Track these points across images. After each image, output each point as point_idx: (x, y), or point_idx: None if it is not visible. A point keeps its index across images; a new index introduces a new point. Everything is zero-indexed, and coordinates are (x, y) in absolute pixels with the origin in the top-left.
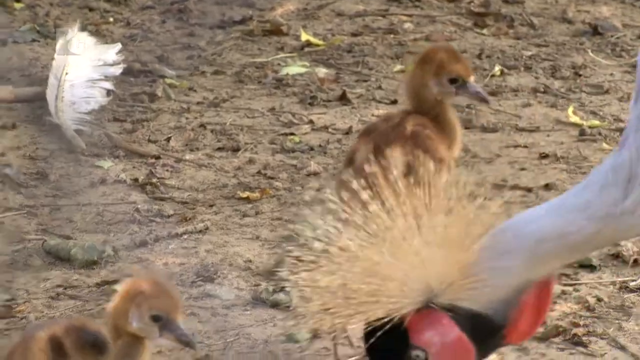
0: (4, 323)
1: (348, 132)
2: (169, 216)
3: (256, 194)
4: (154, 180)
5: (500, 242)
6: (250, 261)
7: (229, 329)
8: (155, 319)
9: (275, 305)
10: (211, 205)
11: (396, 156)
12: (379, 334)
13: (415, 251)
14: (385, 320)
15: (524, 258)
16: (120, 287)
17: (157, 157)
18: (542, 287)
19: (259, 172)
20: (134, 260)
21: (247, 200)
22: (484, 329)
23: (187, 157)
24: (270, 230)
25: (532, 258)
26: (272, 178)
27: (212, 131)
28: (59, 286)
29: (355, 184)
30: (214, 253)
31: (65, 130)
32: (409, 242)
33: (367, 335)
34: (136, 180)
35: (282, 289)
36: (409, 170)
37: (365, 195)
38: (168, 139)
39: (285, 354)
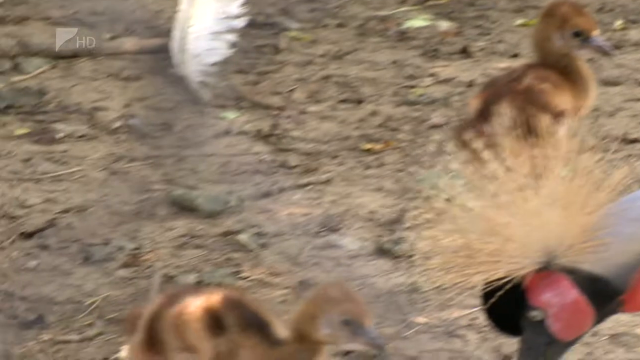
0: (130, 272)
1: (470, 84)
2: (293, 167)
3: (379, 146)
4: (278, 131)
5: (630, 209)
6: (373, 212)
7: (352, 279)
8: (346, 323)
9: (398, 256)
10: (335, 157)
11: (504, 112)
12: (497, 294)
13: (537, 212)
14: (505, 280)
15: None
16: (308, 295)
17: (281, 109)
18: None
19: (382, 124)
20: (259, 211)
21: (370, 151)
22: (603, 294)
23: (311, 109)
24: (393, 182)
25: None
26: (395, 130)
27: (335, 83)
28: (183, 236)
29: (474, 142)
30: (337, 204)
31: (190, 81)
32: (530, 203)
33: (485, 295)
34: (260, 131)
35: (405, 241)
36: (521, 126)
37: (484, 153)
38: (291, 91)
39: (409, 304)
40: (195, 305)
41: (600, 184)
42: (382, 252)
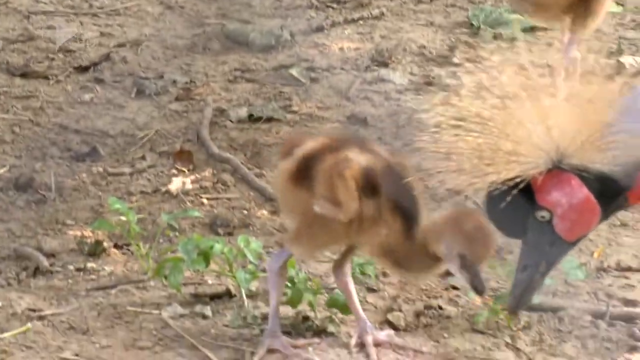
0: (183, 105)
1: None
2: (345, 2)
3: None
4: None
5: (637, 108)
6: (423, 47)
7: (400, 112)
8: (462, 257)
9: (447, 91)
10: None
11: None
12: (505, 195)
13: (548, 111)
14: (516, 181)
15: None
16: (447, 211)
17: None
18: None
19: None
20: (310, 45)
21: None
22: (611, 191)
23: None
24: (444, 17)
25: None
26: None
27: None
28: (236, 69)
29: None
30: (388, 38)
31: None
32: (542, 102)
33: (491, 198)
34: None
35: (454, 74)
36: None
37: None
38: None
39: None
40: (357, 162)
41: (612, 82)
42: (431, 86)
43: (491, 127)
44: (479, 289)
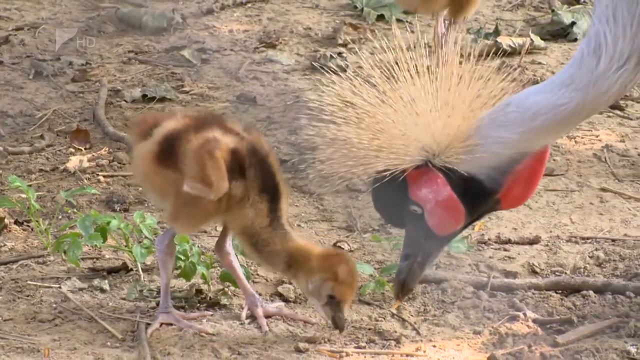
0: (79, 86)
1: None
2: None
3: None
4: None
5: (501, 115)
6: (309, 28)
7: (288, 92)
8: (331, 297)
9: (332, 71)
10: None
11: None
12: (380, 187)
13: (420, 112)
14: (387, 173)
15: (521, 131)
16: (326, 249)
17: None
18: (537, 158)
19: None
20: (201, 28)
21: None
22: (476, 193)
23: None
24: (328, 0)
25: (528, 131)
26: None
27: None
28: (130, 51)
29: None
30: (275, 21)
31: None
32: (415, 104)
33: (375, 188)
34: None
35: (339, 55)
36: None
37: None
38: None
39: None
40: (225, 142)
41: (480, 91)
42: (316, 67)
43: (371, 119)
44: (339, 326)
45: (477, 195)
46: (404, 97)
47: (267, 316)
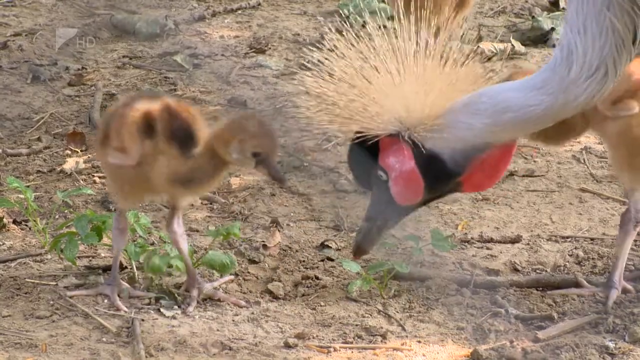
0: (75, 90)
1: None
2: None
3: None
4: None
5: (474, 102)
6: (298, 34)
7: (278, 96)
8: (256, 155)
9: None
10: None
11: None
12: (358, 149)
13: (398, 84)
14: (365, 136)
15: (489, 122)
16: (226, 120)
17: None
18: (503, 150)
19: None
20: (193, 33)
21: None
22: (437, 171)
23: None
24: (316, 7)
25: (496, 123)
26: None
27: None
28: (124, 57)
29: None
30: (265, 27)
31: None
32: (396, 76)
33: (350, 149)
34: None
35: (327, 59)
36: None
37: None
38: None
39: None
40: (137, 109)
41: (461, 75)
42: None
43: (356, 85)
44: (280, 179)
45: (438, 174)
46: (387, 67)
47: (205, 298)
